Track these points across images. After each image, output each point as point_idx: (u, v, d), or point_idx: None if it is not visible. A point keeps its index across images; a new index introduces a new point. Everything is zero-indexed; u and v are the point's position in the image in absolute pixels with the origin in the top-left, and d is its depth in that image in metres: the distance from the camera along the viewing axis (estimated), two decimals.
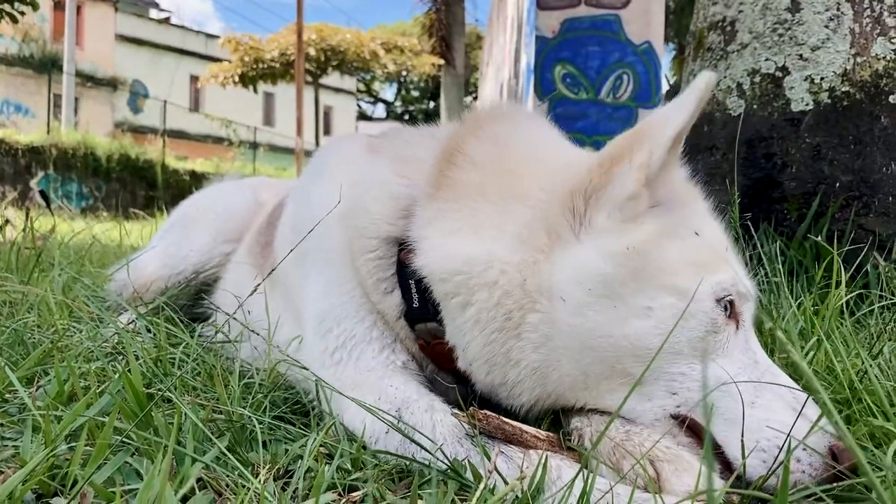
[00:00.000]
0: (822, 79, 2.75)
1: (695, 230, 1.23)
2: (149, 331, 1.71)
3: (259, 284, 1.64)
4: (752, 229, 2.63)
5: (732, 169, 2.89)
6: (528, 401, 1.27)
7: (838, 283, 1.85)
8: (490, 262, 1.24)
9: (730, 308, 1.20)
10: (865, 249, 2.47)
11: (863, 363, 1.43)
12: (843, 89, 2.72)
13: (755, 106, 2.89)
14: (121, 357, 1.65)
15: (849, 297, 1.94)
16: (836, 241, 2.29)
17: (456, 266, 1.27)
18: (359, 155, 1.61)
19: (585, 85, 9.30)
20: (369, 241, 1.44)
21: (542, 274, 1.21)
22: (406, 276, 1.38)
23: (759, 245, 2.46)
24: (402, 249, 1.39)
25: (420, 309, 1.38)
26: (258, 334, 1.59)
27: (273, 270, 1.64)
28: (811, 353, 1.57)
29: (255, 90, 26.63)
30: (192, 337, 1.69)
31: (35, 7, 6.28)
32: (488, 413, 1.15)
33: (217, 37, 33.33)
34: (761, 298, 1.99)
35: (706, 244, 1.24)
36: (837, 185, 2.66)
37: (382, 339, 1.44)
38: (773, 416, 1.11)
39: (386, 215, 1.43)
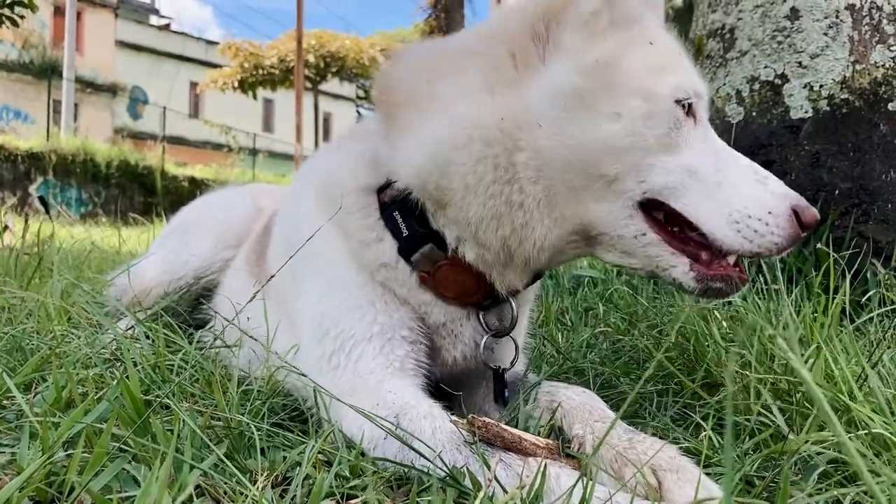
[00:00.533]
0: (821, 86, 2.75)
1: (650, 40, 1.32)
2: (147, 337, 1.71)
3: (257, 292, 1.63)
4: None
5: None
6: (541, 234, 1.32)
7: (837, 290, 1.85)
8: (459, 125, 1.30)
9: (688, 107, 1.29)
10: (865, 256, 2.47)
11: (862, 370, 1.43)
12: (842, 97, 2.72)
13: (754, 113, 2.89)
14: (119, 363, 1.64)
15: (848, 304, 1.94)
16: (835, 247, 2.29)
17: (429, 149, 1.32)
18: (328, 152, 1.70)
19: None
20: (348, 201, 1.48)
21: (516, 108, 1.28)
22: (390, 213, 1.43)
23: None
24: (381, 192, 1.45)
25: (409, 236, 1.41)
26: (256, 339, 1.59)
27: (272, 278, 1.63)
28: (811, 360, 1.57)
29: (255, 96, 26.72)
30: (190, 343, 1.69)
31: (34, 9, 6.28)
32: (487, 420, 1.15)
33: (217, 43, 33.45)
34: (761, 305, 1.99)
35: (662, 51, 1.33)
36: (837, 192, 2.66)
37: (382, 335, 1.42)
38: (739, 190, 1.27)
39: (356, 172, 1.49)
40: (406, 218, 1.42)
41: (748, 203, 1.26)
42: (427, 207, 1.40)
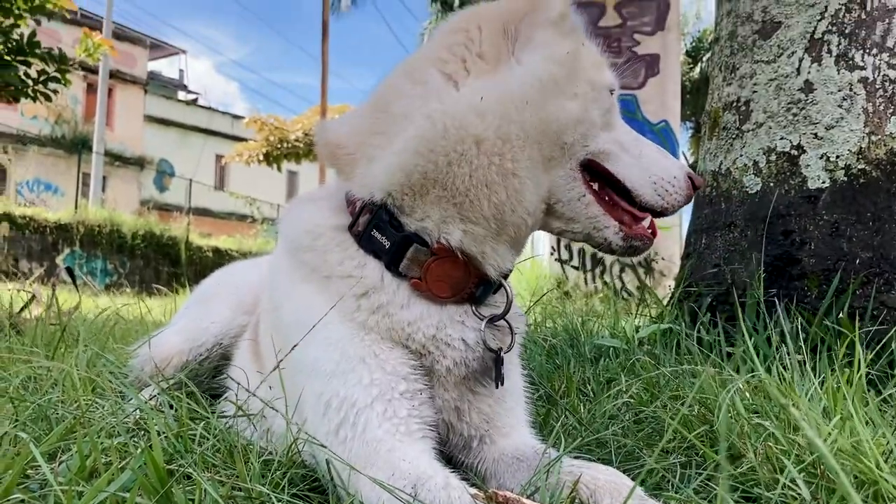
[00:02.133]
0: (837, 157, 2.78)
1: (583, 43, 1.59)
2: (171, 406, 1.72)
3: (275, 368, 1.63)
4: (774, 306, 2.62)
5: (751, 246, 2.90)
6: (530, 200, 1.49)
7: (860, 362, 1.84)
8: (431, 120, 1.46)
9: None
10: (889, 325, 2.45)
11: (887, 443, 1.41)
12: (858, 167, 2.74)
13: (772, 184, 2.92)
14: (143, 433, 1.66)
15: (873, 375, 1.92)
16: (858, 318, 2.28)
17: (410, 147, 1.47)
18: (296, 207, 1.77)
19: None
20: (324, 240, 1.57)
21: (496, 90, 1.46)
22: (368, 236, 1.52)
23: (781, 322, 2.45)
24: (353, 227, 1.56)
25: (392, 245, 1.50)
26: (275, 409, 1.59)
27: (277, 366, 1.65)
28: (835, 433, 1.55)
29: (279, 169, 27.14)
30: (212, 412, 1.70)
31: (67, 84, 6.51)
32: (508, 494, 1.14)
33: (242, 117, 34.20)
34: (784, 377, 1.97)
35: (594, 53, 1.62)
36: (857, 261, 2.66)
37: (382, 398, 1.42)
38: (654, 161, 1.61)
39: (325, 216, 1.61)
40: (383, 231, 1.51)
41: (660, 170, 1.60)
42: (403, 210, 1.50)
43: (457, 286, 1.52)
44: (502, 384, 1.57)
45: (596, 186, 1.59)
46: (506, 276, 1.59)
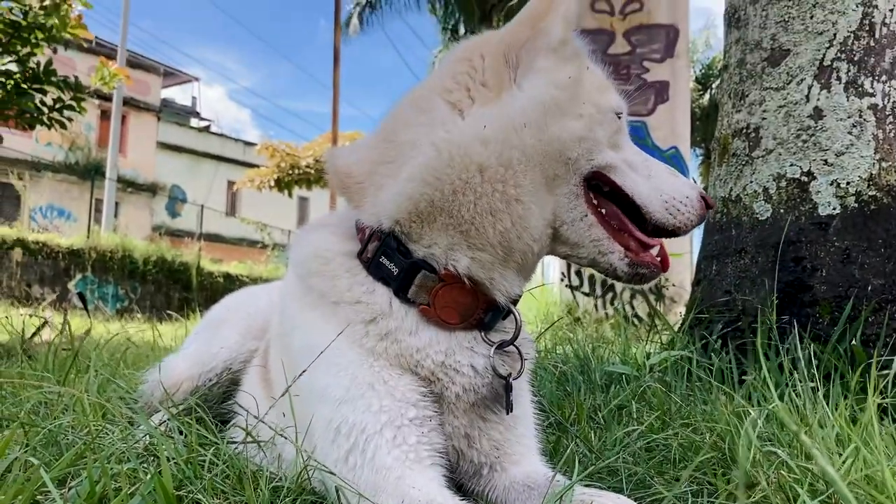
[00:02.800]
0: (848, 183, 2.78)
1: (588, 66, 1.61)
2: (180, 432, 1.72)
3: (284, 393, 1.63)
4: (785, 333, 2.61)
5: (762, 273, 2.89)
6: (535, 225, 1.50)
7: (874, 389, 1.82)
8: (437, 147, 1.48)
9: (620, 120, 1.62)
10: None
11: None
12: (869, 193, 2.74)
13: (782, 210, 2.91)
14: (152, 458, 1.66)
15: (887, 403, 1.90)
16: (870, 344, 2.26)
17: (416, 176, 1.48)
18: (306, 234, 1.78)
19: None
20: (333, 265, 1.58)
21: (499, 117, 1.49)
22: (377, 263, 1.53)
23: (793, 349, 2.43)
24: (362, 254, 1.57)
25: (401, 272, 1.51)
26: (285, 436, 1.59)
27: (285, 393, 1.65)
28: (849, 461, 1.53)
29: (290, 195, 27.26)
30: (221, 438, 1.70)
31: (82, 112, 6.59)
32: None
33: (254, 144, 34.48)
34: (797, 404, 1.96)
35: (598, 77, 1.64)
36: (869, 288, 2.65)
37: (392, 424, 1.42)
38: (664, 180, 1.61)
39: (335, 241, 1.63)
40: (391, 258, 1.52)
41: (671, 189, 1.60)
42: (411, 237, 1.52)
43: (465, 312, 1.52)
44: (512, 411, 1.56)
45: (604, 211, 1.59)
46: (515, 302, 1.59)
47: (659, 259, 1.62)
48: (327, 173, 1.71)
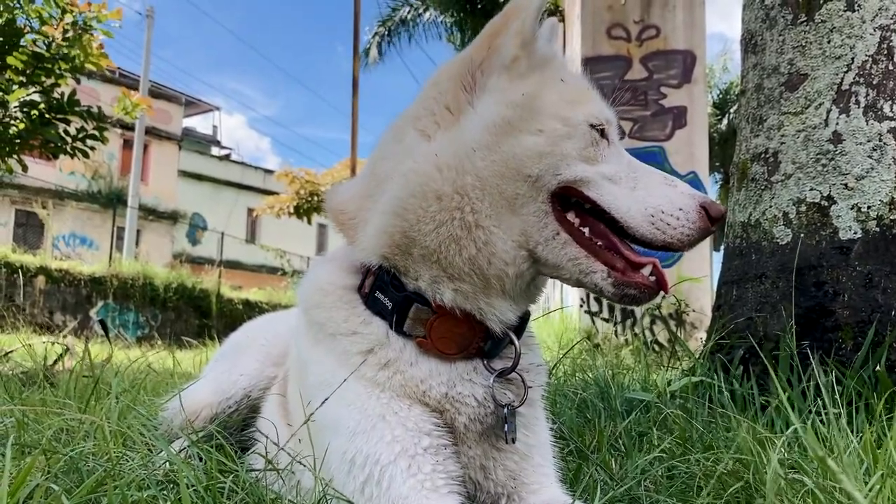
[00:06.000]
0: (868, 207, 2.76)
1: (561, 78, 1.55)
2: (200, 459, 1.72)
3: (304, 423, 1.63)
4: (807, 358, 2.58)
5: (782, 298, 2.87)
6: (501, 249, 1.46)
7: None
8: (405, 177, 1.48)
9: (600, 131, 1.51)
10: None
11: None
12: (891, 217, 2.72)
13: (802, 235, 2.89)
14: (172, 486, 1.66)
15: None
16: (895, 370, 2.23)
17: (388, 209, 1.50)
18: (314, 268, 1.81)
19: None
20: (332, 297, 1.60)
21: (452, 143, 1.47)
22: (373, 298, 1.54)
23: (816, 374, 2.40)
24: (361, 289, 1.58)
25: (395, 305, 1.51)
26: (304, 465, 1.59)
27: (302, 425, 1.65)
28: (876, 488, 1.51)
29: (310, 222, 27.41)
30: (241, 465, 1.70)
31: (104, 141, 6.69)
32: None
33: (274, 171, 34.76)
34: (821, 431, 1.93)
35: (574, 87, 1.56)
36: (893, 313, 2.62)
37: (406, 454, 1.41)
38: (653, 191, 1.49)
39: (336, 276, 1.64)
40: (386, 292, 1.52)
41: (661, 201, 1.47)
42: (399, 270, 1.52)
43: (462, 343, 1.51)
44: (514, 441, 1.53)
45: (586, 229, 1.50)
46: (519, 328, 1.57)
47: (654, 279, 1.49)
48: (326, 211, 1.71)
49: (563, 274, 1.49)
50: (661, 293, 1.51)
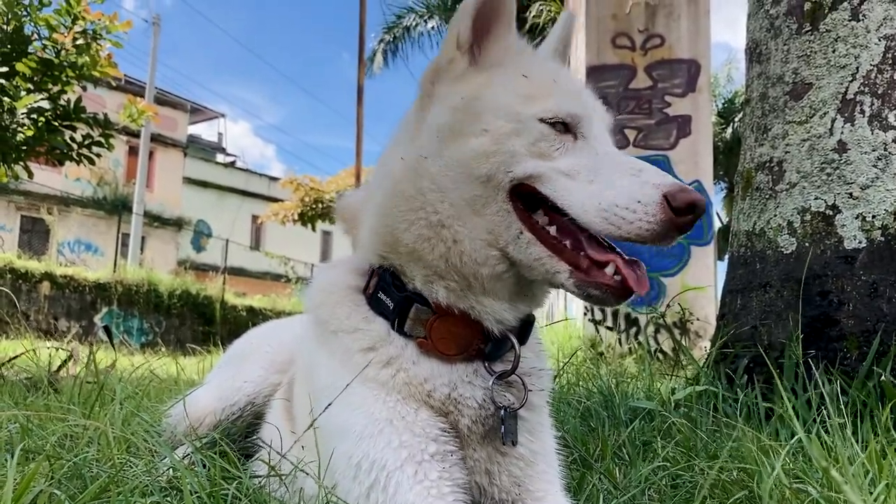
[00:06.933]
0: (874, 216, 2.76)
1: (524, 74, 1.53)
2: (204, 465, 1.72)
3: (308, 428, 1.63)
4: (812, 368, 2.57)
5: (787, 307, 2.86)
6: (469, 248, 1.47)
7: None
8: (389, 180, 1.56)
9: (563, 126, 1.48)
10: None
11: None
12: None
13: (807, 244, 2.89)
14: (176, 492, 1.66)
15: None
16: None
17: (377, 210, 1.57)
18: (322, 271, 1.83)
19: None
20: (338, 295, 1.63)
21: (413, 150, 1.53)
22: (376, 298, 1.57)
23: (821, 384, 2.40)
24: (366, 290, 1.62)
25: (396, 305, 1.53)
26: (306, 472, 1.59)
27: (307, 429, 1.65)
28: (881, 498, 1.50)
29: (314, 229, 27.44)
30: (244, 472, 1.70)
31: (110, 148, 6.71)
32: None
33: (279, 179, 34.83)
34: (826, 441, 1.92)
35: (536, 82, 1.53)
36: None
37: (412, 460, 1.41)
38: (611, 184, 1.39)
39: (342, 277, 1.67)
40: (388, 293, 1.55)
41: (617, 193, 1.37)
42: (398, 270, 1.55)
43: (462, 343, 1.52)
44: (514, 444, 1.53)
45: (553, 227, 1.46)
46: (520, 331, 1.57)
47: (619, 278, 1.40)
48: (335, 216, 1.79)
49: (535, 274, 1.47)
50: (633, 294, 1.41)
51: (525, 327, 1.59)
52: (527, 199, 1.46)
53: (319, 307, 1.64)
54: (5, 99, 6.03)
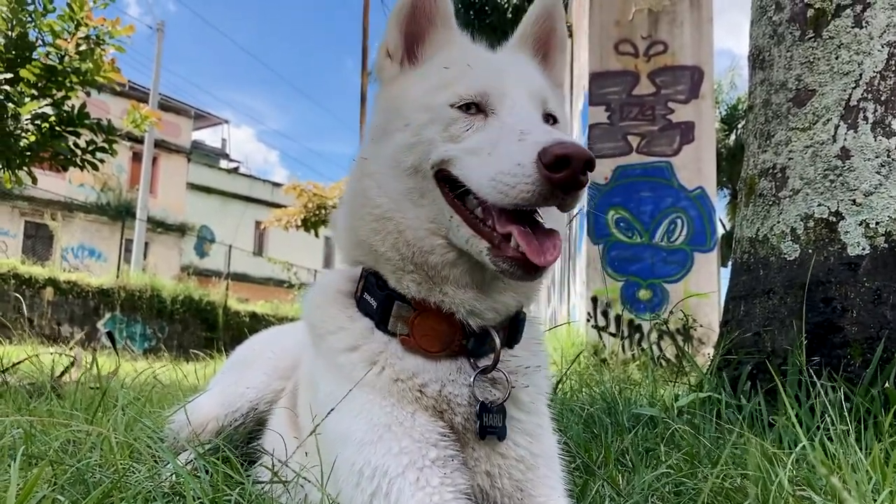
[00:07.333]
0: (877, 223, 2.75)
1: (445, 66, 1.61)
2: (206, 471, 1.72)
3: (309, 434, 1.63)
4: (815, 374, 2.57)
5: (791, 313, 2.86)
6: (412, 238, 1.52)
7: None
8: (349, 181, 1.70)
9: (475, 107, 1.52)
10: None
11: None
12: None
13: (810, 250, 2.89)
14: (178, 498, 1.66)
15: None
16: None
17: (346, 214, 1.67)
18: (318, 280, 1.93)
19: (639, 229, 9.41)
20: (328, 296, 1.69)
21: (359, 153, 1.66)
22: (363, 300, 1.62)
23: (824, 391, 2.39)
24: (356, 294, 1.67)
25: (378, 304, 1.57)
26: (308, 480, 1.59)
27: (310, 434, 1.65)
28: None
29: (317, 234, 27.46)
30: (246, 478, 1.70)
31: (114, 154, 6.73)
32: None
33: (282, 185, 34.86)
34: (829, 448, 1.92)
35: (451, 71, 1.58)
36: None
37: (413, 466, 1.41)
38: (502, 152, 1.38)
39: (335, 282, 1.72)
40: (372, 293, 1.59)
41: (502, 162, 1.36)
42: (379, 271, 1.58)
43: (445, 340, 1.53)
44: (500, 439, 1.53)
45: (479, 210, 1.46)
46: (510, 329, 1.59)
47: (521, 252, 1.37)
48: (330, 225, 1.85)
49: (472, 259, 1.48)
50: (543, 266, 1.37)
51: (513, 324, 1.60)
52: (454, 184, 1.48)
53: (313, 310, 1.69)
54: (9, 105, 6.05)
